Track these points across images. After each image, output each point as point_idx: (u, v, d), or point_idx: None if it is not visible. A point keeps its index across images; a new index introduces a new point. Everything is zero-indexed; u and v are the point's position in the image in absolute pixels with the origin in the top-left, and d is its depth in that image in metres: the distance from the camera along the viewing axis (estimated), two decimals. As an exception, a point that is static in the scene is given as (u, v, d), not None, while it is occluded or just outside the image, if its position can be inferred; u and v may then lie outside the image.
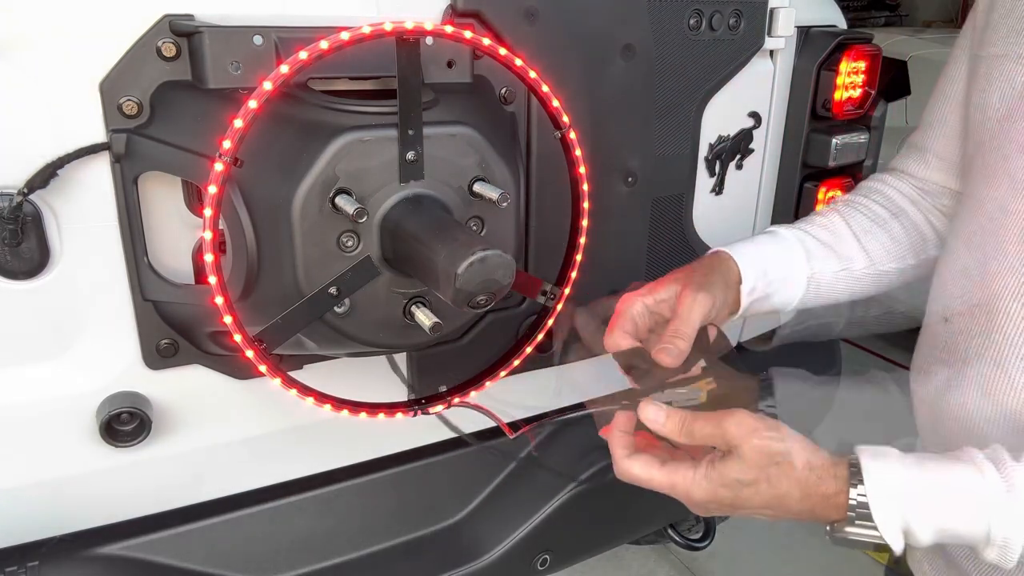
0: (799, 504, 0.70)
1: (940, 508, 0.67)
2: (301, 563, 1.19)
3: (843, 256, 0.98)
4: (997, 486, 0.65)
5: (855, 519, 0.68)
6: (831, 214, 1.02)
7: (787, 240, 0.97)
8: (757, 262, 0.93)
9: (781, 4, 1.36)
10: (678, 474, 0.73)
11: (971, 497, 0.66)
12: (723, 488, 0.71)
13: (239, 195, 0.88)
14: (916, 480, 0.68)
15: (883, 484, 0.67)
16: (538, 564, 1.35)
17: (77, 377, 1.00)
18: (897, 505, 0.67)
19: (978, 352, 0.81)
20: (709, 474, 0.72)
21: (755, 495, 0.70)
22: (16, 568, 1.00)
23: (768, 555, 2.46)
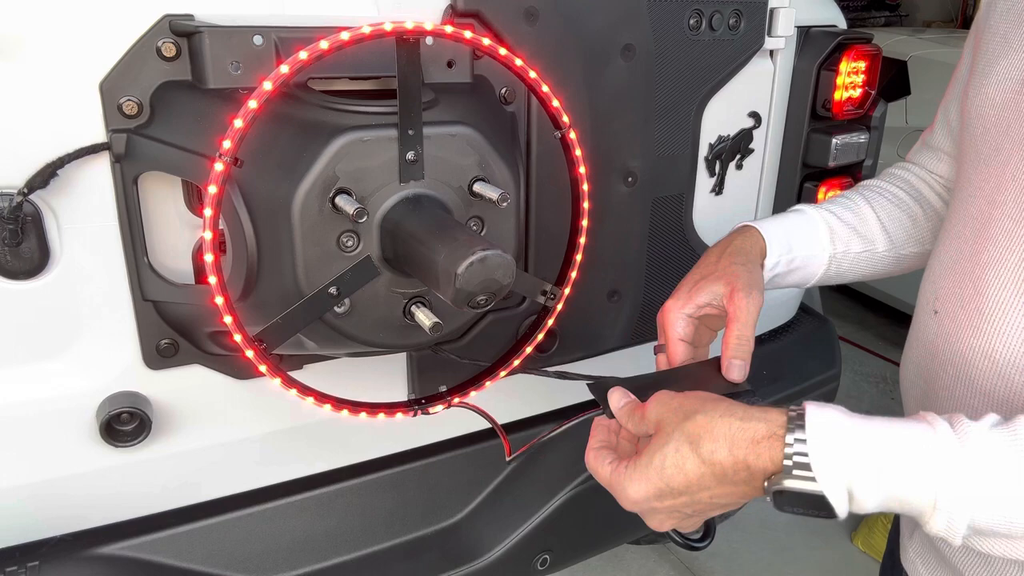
0: (730, 455, 0.62)
1: (888, 463, 0.59)
2: (301, 563, 1.19)
3: (866, 237, 1.00)
4: (950, 442, 0.59)
5: (793, 468, 0.60)
6: (855, 196, 1.03)
7: (812, 219, 0.99)
8: (783, 238, 0.94)
9: (781, 4, 1.36)
10: (617, 472, 0.69)
11: (921, 452, 0.59)
12: (650, 470, 0.65)
13: (239, 195, 0.88)
14: (863, 431, 0.61)
15: (824, 431, 0.60)
16: (538, 564, 1.35)
17: (77, 377, 1.00)
18: (838, 455, 0.59)
19: (967, 342, 0.81)
20: (637, 463, 0.67)
21: (683, 463, 0.64)
22: (16, 568, 1.00)
23: (768, 555, 2.46)
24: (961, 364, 0.81)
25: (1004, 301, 0.77)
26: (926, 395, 0.88)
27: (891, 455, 0.59)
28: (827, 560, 2.47)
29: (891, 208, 1.01)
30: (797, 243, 0.95)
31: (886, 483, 0.59)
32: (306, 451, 1.21)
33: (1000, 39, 0.84)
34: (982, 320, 0.79)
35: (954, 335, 0.83)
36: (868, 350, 3.70)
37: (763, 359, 1.66)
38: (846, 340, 3.70)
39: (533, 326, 1.07)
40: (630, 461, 0.68)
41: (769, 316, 1.67)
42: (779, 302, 1.73)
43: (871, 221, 1.00)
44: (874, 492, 0.60)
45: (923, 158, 1.07)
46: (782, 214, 1.00)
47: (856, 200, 1.02)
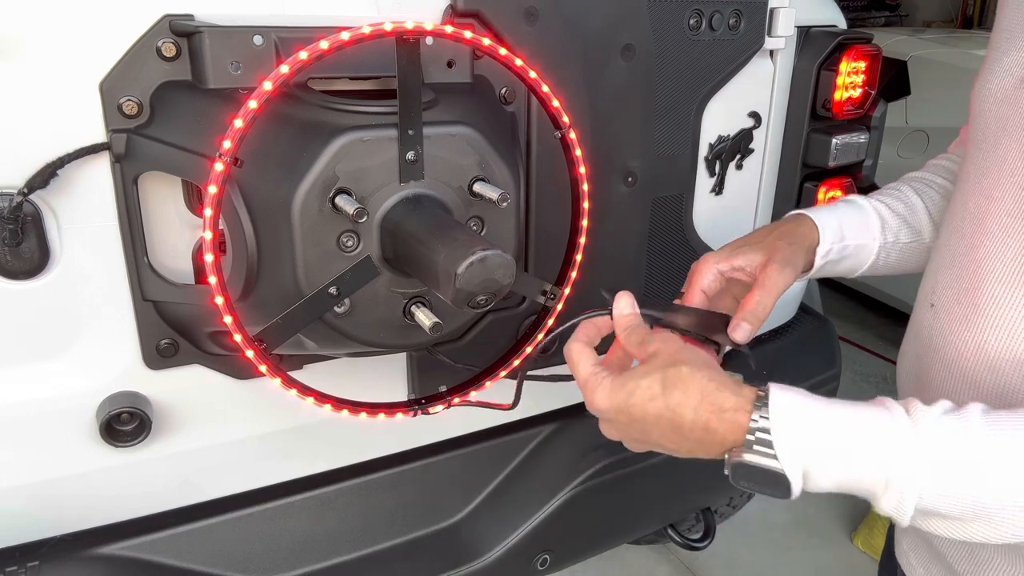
0: (694, 413, 0.66)
1: (843, 443, 0.63)
2: (301, 563, 1.19)
3: (915, 228, 1.00)
4: (903, 426, 0.63)
5: (754, 443, 0.64)
6: (905, 187, 1.04)
7: (865, 209, 0.99)
8: (836, 227, 0.95)
9: (781, 4, 1.36)
10: (595, 376, 0.72)
11: (876, 435, 0.63)
12: (621, 391, 0.69)
13: (239, 195, 0.88)
14: (823, 414, 0.65)
15: (787, 414, 0.64)
16: (538, 564, 1.35)
17: (77, 377, 1.00)
18: (800, 434, 0.64)
19: (961, 336, 0.81)
20: (614, 379, 0.71)
21: (650, 400, 0.68)
22: (16, 568, 1.00)
23: (768, 555, 2.46)
24: (954, 357, 0.82)
25: (999, 295, 0.77)
26: (920, 388, 0.89)
27: (847, 437, 0.63)
28: (827, 560, 2.47)
29: (938, 200, 1.02)
30: (850, 232, 0.96)
31: (841, 463, 0.63)
32: (306, 451, 1.21)
33: (1006, 34, 0.84)
34: (976, 314, 0.79)
35: (948, 328, 0.83)
36: (868, 350, 3.70)
37: (763, 359, 1.67)
38: (846, 340, 3.70)
39: (533, 326, 1.07)
40: (609, 374, 0.72)
41: (769, 316, 1.67)
42: (779, 302, 1.73)
43: (920, 212, 1.01)
44: (829, 472, 0.64)
45: (961, 151, 1.07)
46: (834, 203, 1.01)
47: (906, 191, 1.03)
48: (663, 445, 0.71)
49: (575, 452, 1.37)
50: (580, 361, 0.75)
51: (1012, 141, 0.78)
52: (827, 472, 0.64)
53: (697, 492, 1.64)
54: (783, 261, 0.87)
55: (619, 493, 1.39)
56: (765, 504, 2.66)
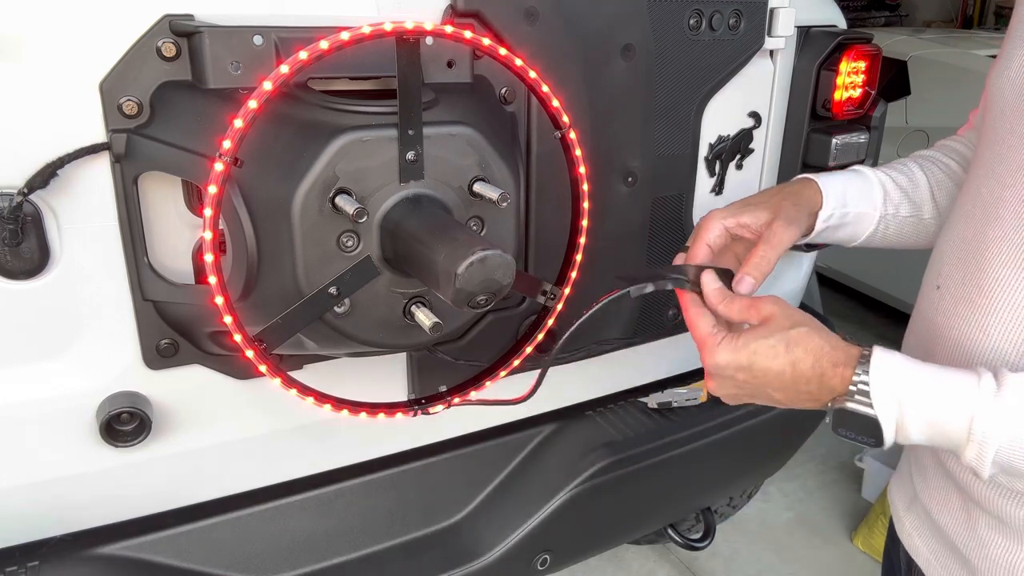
0: (811, 370, 0.75)
1: (932, 398, 0.71)
2: (301, 563, 1.19)
3: (915, 203, 1.02)
4: (988, 386, 0.69)
5: (855, 394, 0.73)
6: (910, 163, 1.05)
7: (869, 179, 1.01)
8: (840, 192, 0.97)
9: (781, 4, 1.36)
10: (715, 336, 0.79)
11: (962, 393, 0.70)
12: (744, 351, 0.76)
13: (239, 195, 0.88)
14: (918, 373, 0.73)
15: (885, 368, 0.73)
16: (538, 564, 1.35)
17: (77, 377, 1.00)
18: (894, 389, 0.72)
19: (964, 317, 0.82)
20: (736, 338, 0.77)
21: (773, 359, 0.75)
22: (16, 568, 1.00)
23: (768, 555, 2.46)
24: (958, 337, 0.83)
25: (1003, 278, 0.78)
26: None
27: (936, 394, 0.71)
28: (827, 560, 2.47)
29: (942, 178, 1.03)
30: (852, 199, 0.98)
31: (929, 417, 0.71)
32: (306, 451, 1.21)
33: (1022, 25, 0.84)
34: (980, 296, 0.81)
35: (952, 309, 0.84)
36: (868, 350, 3.69)
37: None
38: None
39: (533, 326, 1.07)
40: (730, 335, 0.79)
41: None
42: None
43: (923, 187, 1.02)
44: (918, 424, 0.71)
45: (971, 135, 1.08)
46: (839, 171, 1.02)
47: (912, 167, 1.04)
48: (773, 397, 0.79)
49: (575, 452, 1.37)
50: (701, 322, 0.81)
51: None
52: (916, 424, 0.71)
53: (697, 492, 1.64)
54: (788, 219, 0.90)
55: (619, 493, 1.39)
56: (765, 504, 2.66)
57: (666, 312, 1.43)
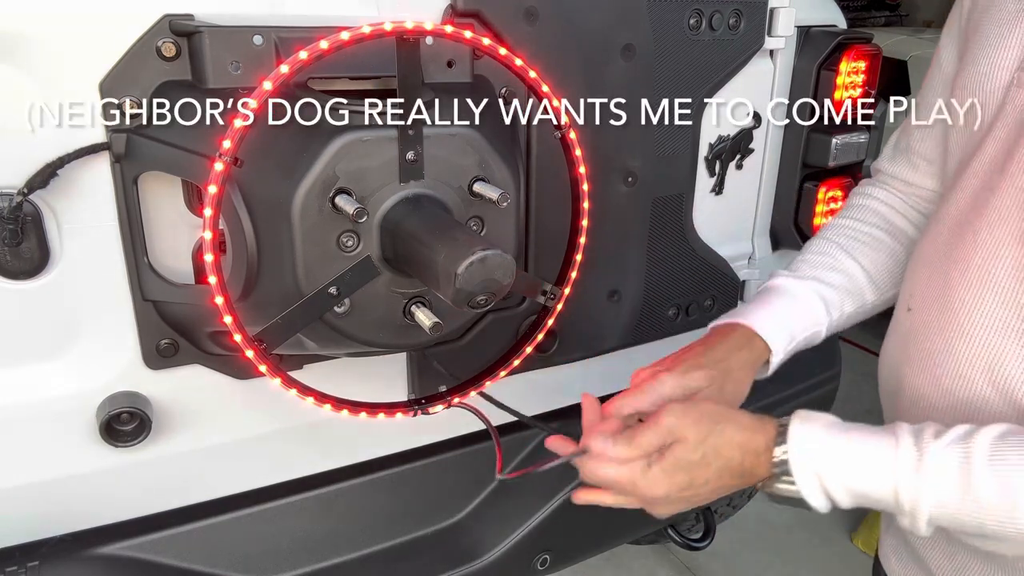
0: (742, 465, 0.74)
1: (853, 472, 0.71)
2: (301, 563, 1.19)
3: (856, 295, 0.98)
4: (908, 458, 0.68)
5: (779, 475, 0.73)
6: (834, 251, 0.98)
7: (806, 298, 0.95)
8: (785, 334, 0.92)
9: (781, 4, 1.36)
10: (634, 470, 0.75)
11: (882, 466, 0.70)
12: (678, 473, 0.74)
13: (239, 195, 0.88)
14: (834, 444, 0.72)
15: (803, 445, 0.72)
16: (538, 564, 1.35)
17: (77, 377, 1.00)
18: (813, 465, 0.71)
19: (933, 339, 0.82)
20: (663, 465, 0.74)
21: (706, 468, 0.74)
22: (16, 568, 1.00)
23: (768, 555, 2.46)
24: (927, 360, 0.83)
25: (967, 300, 0.78)
26: (897, 391, 0.89)
27: (857, 467, 0.71)
28: (827, 560, 2.47)
29: (872, 254, 0.99)
30: (799, 329, 0.93)
31: (853, 488, 0.71)
32: (306, 451, 1.21)
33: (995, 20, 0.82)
34: (946, 319, 0.80)
35: (922, 332, 0.84)
36: (868, 350, 3.69)
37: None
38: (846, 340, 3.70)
39: (533, 326, 1.07)
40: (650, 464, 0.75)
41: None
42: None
43: (858, 276, 0.97)
44: (843, 495, 0.71)
45: (899, 168, 1.02)
46: (774, 299, 0.94)
47: (837, 255, 0.98)
48: (711, 499, 0.77)
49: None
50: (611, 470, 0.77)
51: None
52: (842, 495, 0.72)
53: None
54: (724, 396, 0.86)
55: (619, 493, 1.39)
56: (765, 504, 2.66)
57: (666, 312, 1.43)
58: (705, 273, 1.45)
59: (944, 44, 0.94)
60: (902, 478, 0.68)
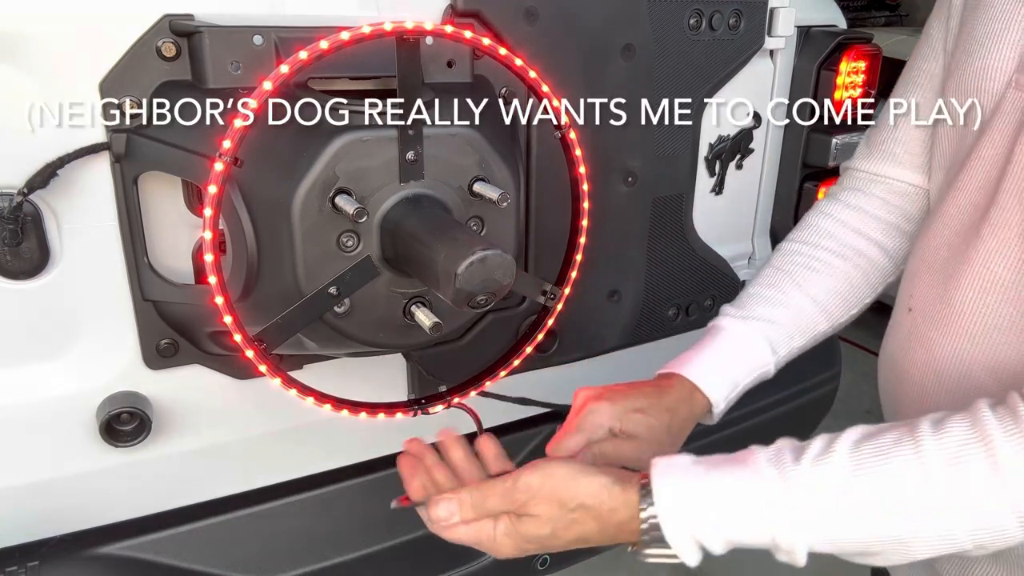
0: (599, 536, 0.71)
1: (726, 519, 0.67)
2: (301, 563, 1.19)
3: (806, 329, 0.94)
4: (772, 487, 0.66)
5: (649, 542, 0.68)
6: (783, 281, 0.95)
7: (749, 340, 0.92)
8: (727, 382, 0.89)
9: (781, 4, 1.36)
10: (483, 531, 0.74)
11: (753, 504, 0.66)
12: (527, 543, 0.73)
13: (239, 195, 0.88)
14: (701, 492, 0.68)
15: (670, 504, 0.68)
16: (538, 564, 1.35)
17: (77, 377, 1.00)
18: (685, 523, 0.67)
19: (937, 341, 0.81)
20: (510, 531, 0.73)
21: (557, 541, 0.72)
22: (16, 568, 1.00)
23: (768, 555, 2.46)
24: (931, 362, 0.82)
25: (973, 301, 0.78)
26: (898, 392, 0.89)
27: (730, 513, 0.67)
28: (826, 560, 2.46)
29: (823, 280, 0.94)
30: (742, 374, 0.91)
31: (729, 536, 0.68)
32: (306, 451, 1.21)
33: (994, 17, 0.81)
34: (951, 321, 0.80)
35: (925, 334, 0.83)
36: (868, 350, 3.69)
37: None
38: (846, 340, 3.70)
39: (533, 326, 1.07)
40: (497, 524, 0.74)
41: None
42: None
43: (808, 309, 0.94)
44: (719, 544, 0.68)
45: (876, 164, 0.99)
46: (716, 343, 0.92)
47: (786, 288, 0.94)
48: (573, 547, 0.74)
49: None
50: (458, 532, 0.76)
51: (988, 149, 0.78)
52: (717, 545, 0.68)
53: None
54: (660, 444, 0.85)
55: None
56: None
57: (666, 312, 1.43)
58: (705, 273, 1.45)
59: (928, 37, 0.94)
60: (774, 515, 0.66)
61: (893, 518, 0.63)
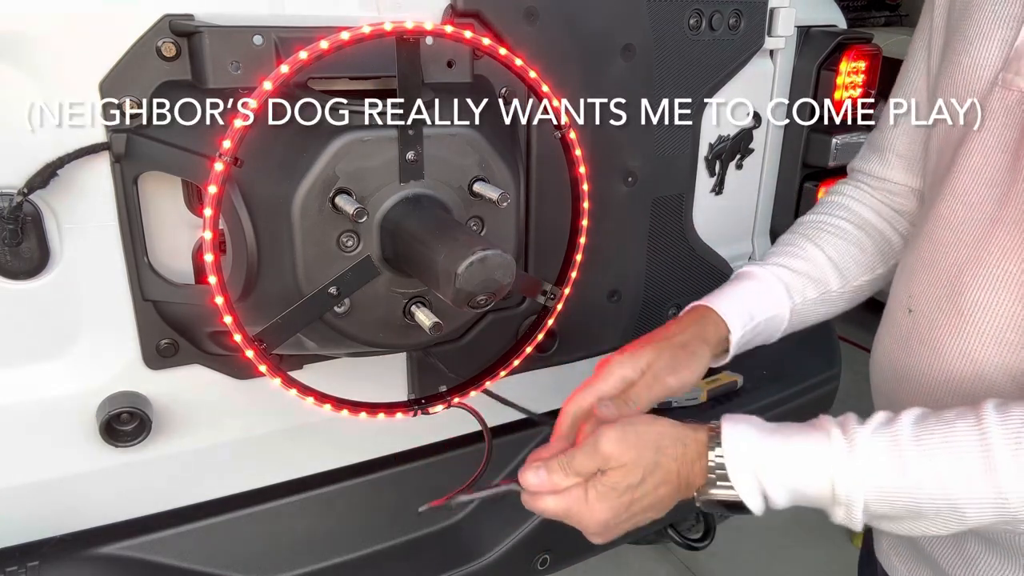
0: (677, 478, 0.74)
1: (789, 469, 0.71)
2: (301, 563, 1.19)
3: (819, 281, 0.98)
4: (840, 447, 0.69)
5: (715, 480, 0.73)
6: (800, 240, 1.00)
7: (767, 280, 0.96)
8: (743, 312, 0.92)
9: (781, 4, 1.36)
10: (573, 499, 0.75)
11: (816, 459, 0.70)
12: (618, 496, 0.74)
13: (239, 195, 0.88)
14: (768, 443, 0.72)
15: (737, 446, 0.72)
16: (538, 564, 1.35)
17: (77, 377, 1.00)
18: (750, 466, 0.71)
19: (945, 343, 0.81)
20: (602, 492, 0.74)
21: (648, 488, 0.74)
22: (16, 568, 1.00)
23: (768, 555, 2.46)
24: (938, 364, 0.82)
25: (982, 301, 0.77)
26: (897, 393, 0.88)
27: (793, 464, 0.71)
28: (826, 560, 2.47)
29: (837, 242, 0.99)
30: (758, 310, 0.93)
31: (791, 485, 0.71)
32: (306, 451, 1.21)
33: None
34: (961, 321, 0.79)
35: (929, 335, 0.83)
36: (868, 350, 3.69)
37: (763, 359, 1.66)
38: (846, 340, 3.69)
39: (533, 326, 1.07)
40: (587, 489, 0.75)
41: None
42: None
43: (822, 263, 0.98)
44: (782, 495, 0.72)
45: (871, 165, 1.04)
46: (736, 282, 0.97)
47: (802, 244, 0.99)
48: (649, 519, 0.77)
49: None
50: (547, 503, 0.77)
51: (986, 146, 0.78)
52: (780, 496, 0.72)
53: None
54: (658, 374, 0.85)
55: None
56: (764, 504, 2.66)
57: (666, 312, 1.43)
58: (705, 273, 1.45)
59: (919, 40, 0.95)
60: (837, 468, 0.69)
61: (951, 483, 0.66)
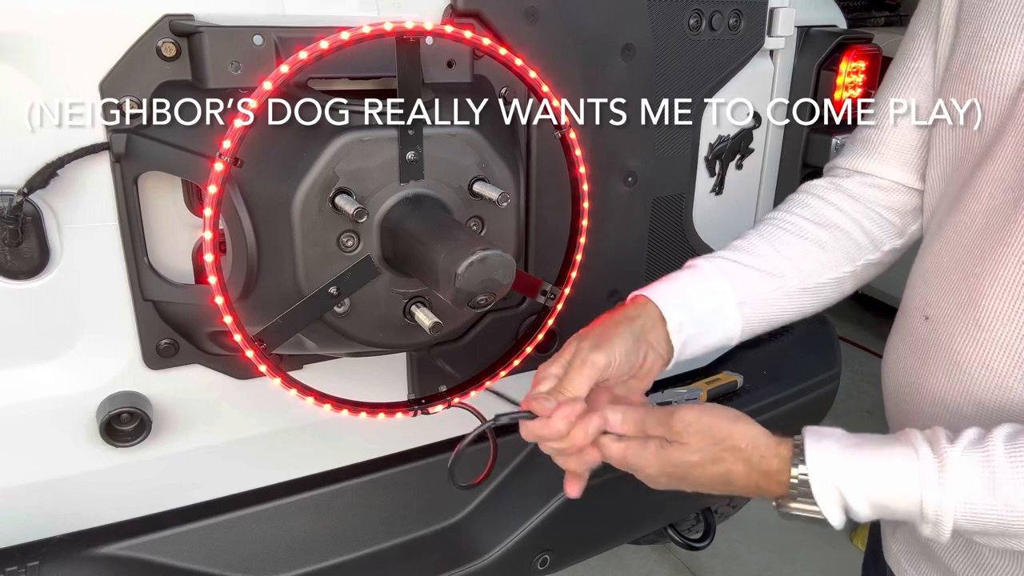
0: (744, 479, 0.74)
1: (876, 486, 0.70)
2: (301, 563, 1.19)
3: (773, 275, 0.92)
4: (930, 466, 0.68)
5: (797, 495, 0.72)
6: (751, 236, 0.96)
7: (706, 270, 0.91)
8: (676, 297, 0.87)
9: (781, 4, 1.36)
10: (631, 449, 0.78)
11: (905, 477, 0.69)
12: (671, 467, 0.76)
13: (239, 195, 0.88)
14: (853, 460, 0.71)
15: (822, 464, 0.71)
16: (538, 564, 1.35)
17: (77, 377, 1.00)
18: (834, 483, 0.71)
19: (963, 352, 0.80)
20: (659, 452, 0.76)
21: (702, 473, 0.75)
22: (16, 568, 1.00)
23: (768, 555, 2.46)
24: (956, 373, 0.81)
25: (1001, 311, 0.76)
26: (912, 402, 0.87)
27: (879, 481, 0.70)
28: (827, 560, 2.47)
29: (791, 239, 0.94)
30: (696, 299, 0.88)
31: (876, 501, 0.70)
32: (306, 451, 1.21)
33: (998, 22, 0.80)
34: (979, 330, 0.78)
35: (947, 344, 0.82)
36: (868, 350, 3.69)
37: (763, 359, 1.67)
38: (846, 340, 3.70)
39: (533, 326, 1.07)
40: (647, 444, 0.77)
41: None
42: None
43: (770, 256, 0.92)
44: (866, 509, 0.71)
45: (859, 161, 0.99)
46: (672, 274, 0.92)
47: (753, 239, 0.95)
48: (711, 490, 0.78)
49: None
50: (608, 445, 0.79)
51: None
52: (863, 509, 0.71)
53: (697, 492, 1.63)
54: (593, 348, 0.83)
55: (619, 493, 1.38)
56: (765, 504, 2.66)
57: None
58: (705, 273, 1.45)
59: (920, 40, 0.92)
60: (927, 487, 0.67)
61: None
